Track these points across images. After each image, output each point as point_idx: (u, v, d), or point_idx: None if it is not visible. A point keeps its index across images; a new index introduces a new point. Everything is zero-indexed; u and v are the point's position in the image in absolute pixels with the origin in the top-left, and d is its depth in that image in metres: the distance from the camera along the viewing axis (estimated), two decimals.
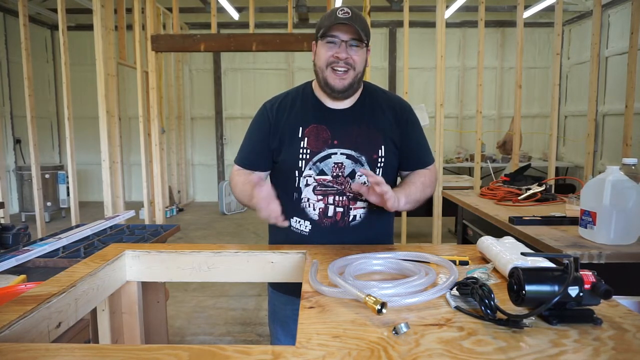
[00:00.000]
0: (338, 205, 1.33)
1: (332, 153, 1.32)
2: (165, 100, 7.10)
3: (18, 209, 6.63)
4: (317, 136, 1.33)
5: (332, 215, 1.33)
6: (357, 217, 1.34)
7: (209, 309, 3.32)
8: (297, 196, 1.35)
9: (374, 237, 1.38)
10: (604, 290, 0.75)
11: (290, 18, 4.82)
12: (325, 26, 1.27)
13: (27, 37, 4.34)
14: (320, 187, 1.32)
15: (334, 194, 1.32)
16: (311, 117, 1.35)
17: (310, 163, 1.32)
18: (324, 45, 1.29)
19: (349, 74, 1.29)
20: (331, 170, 1.32)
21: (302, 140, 1.33)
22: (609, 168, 1.38)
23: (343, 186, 1.32)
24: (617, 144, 5.44)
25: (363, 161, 1.32)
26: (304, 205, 1.34)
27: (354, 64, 1.29)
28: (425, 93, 7.47)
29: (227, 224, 6.35)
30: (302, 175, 1.33)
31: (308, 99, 1.39)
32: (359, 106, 1.38)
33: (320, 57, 1.31)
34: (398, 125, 1.38)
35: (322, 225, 1.33)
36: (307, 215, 1.34)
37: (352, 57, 1.28)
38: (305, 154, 1.32)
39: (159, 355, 0.67)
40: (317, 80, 1.36)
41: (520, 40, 3.88)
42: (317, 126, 1.34)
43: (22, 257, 1.50)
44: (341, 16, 1.26)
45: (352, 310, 0.83)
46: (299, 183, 1.33)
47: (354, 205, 1.34)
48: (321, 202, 1.33)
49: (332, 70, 1.29)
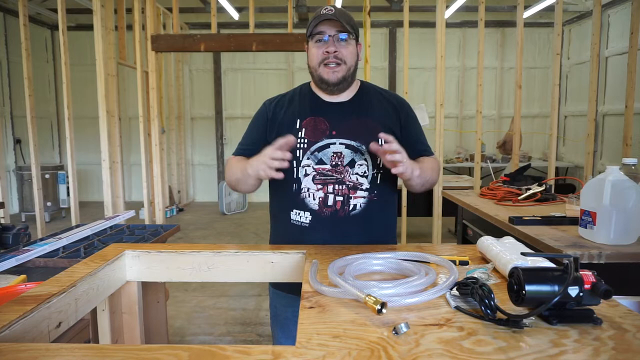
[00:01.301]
0: (338, 194, 1.34)
1: (331, 143, 1.34)
2: (165, 100, 7.10)
3: (18, 209, 6.64)
4: (315, 127, 1.35)
5: (332, 204, 1.34)
6: (357, 206, 1.35)
7: (209, 309, 3.32)
8: (296, 187, 1.36)
9: (375, 230, 1.38)
10: (604, 290, 0.75)
11: (290, 18, 4.82)
12: (311, 25, 1.32)
13: (27, 37, 4.34)
14: (319, 176, 1.34)
15: (333, 183, 1.34)
16: (308, 110, 1.39)
17: (308, 152, 1.34)
18: (313, 45, 1.34)
19: (341, 67, 1.33)
20: (330, 160, 1.33)
21: (299, 131, 1.36)
22: (609, 168, 1.38)
23: (342, 175, 1.33)
24: (617, 144, 5.45)
25: (363, 150, 1.34)
26: (303, 195, 1.35)
27: (343, 58, 1.32)
28: (425, 93, 7.48)
29: (227, 224, 6.35)
30: (301, 165, 1.34)
31: (306, 95, 1.43)
32: (357, 99, 1.40)
33: (312, 56, 1.35)
34: (398, 118, 1.41)
35: (322, 215, 1.34)
36: (307, 205, 1.35)
37: (340, 51, 1.31)
38: (302, 144, 1.34)
39: (159, 355, 0.67)
40: (313, 80, 1.40)
41: (520, 41, 3.89)
42: (315, 118, 1.37)
43: (22, 257, 1.50)
44: (325, 12, 1.30)
45: (352, 310, 0.83)
46: (298, 173, 1.35)
47: (353, 194, 1.34)
48: (321, 191, 1.34)
49: (325, 66, 1.32)
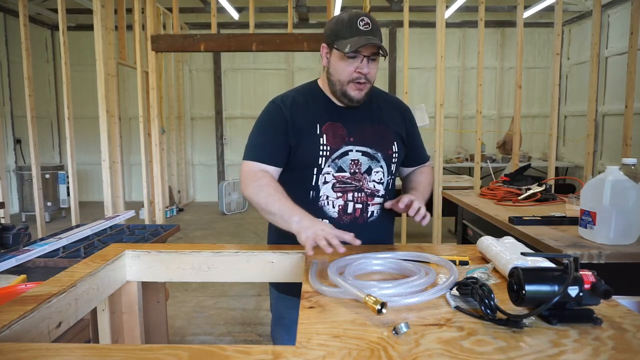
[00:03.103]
0: (357, 201, 1.34)
1: (349, 150, 1.33)
2: (165, 100, 7.10)
3: (18, 209, 6.63)
4: (334, 133, 1.33)
5: (352, 212, 1.34)
6: (374, 212, 1.36)
7: (209, 309, 3.32)
8: (314, 195, 1.34)
9: (382, 235, 1.41)
10: (603, 290, 0.75)
11: (290, 18, 4.82)
12: (345, 39, 1.24)
13: (27, 37, 4.34)
14: (339, 184, 1.33)
15: (352, 191, 1.33)
16: (325, 115, 1.35)
17: (330, 160, 1.32)
18: (344, 59, 1.27)
19: (366, 86, 1.31)
20: (349, 167, 1.33)
21: (321, 137, 1.32)
22: (609, 168, 1.38)
23: (361, 182, 1.33)
24: (616, 144, 5.44)
25: (379, 157, 1.35)
26: (322, 203, 1.33)
27: (371, 78, 1.30)
28: (425, 93, 7.48)
29: (227, 224, 6.35)
30: (322, 173, 1.32)
31: (319, 98, 1.39)
32: (367, 105, 1.39)
33: (341, 71, 1.29)
34: (404, 123, 1.44)
35: (342, 223, 1.33)
36: (326, 213, 1.34)
37: (371, 72, 1.29)
38: (325, 151, 1.32)
39: (159, 355, 0.67)
40: (333, 90, 1.34)
41: (520, 41, 3.88)
42: (333, 124, 1.34)
43: (22, 257, 1.50)
44: (363, 29, 1.23)
45: (352, 310, 0.83)
46: (317, 181, 1.33)
47: (371, 201, 1.35)
48: (340, 199, 1.33)
49: (353, 83, 1.29)
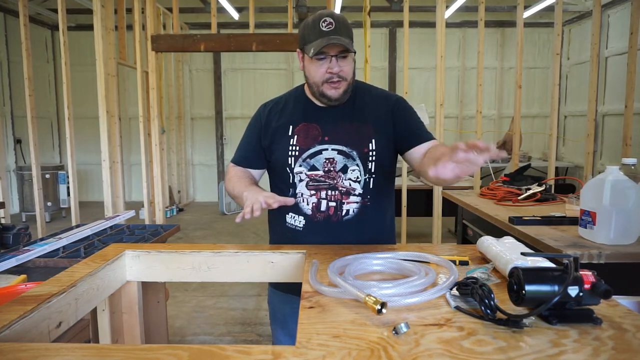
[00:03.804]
0: (331, 199, 1.35)
1: (323, 149, 1.35)
2: (165, 100, 7.10)
3: (18, 209, 6.64)
4: (306, 133, 1.36)
5: (325, 209, 1.35)
6: (350, 211, 1.36)
7: (209, 309, 3.32)
8: (292, 192, 1.38)
9: (371, 235, 1.38)
10: (603, 290, 0.75)
11: (290, 18, 4.82)
12: (311, 42, 1.27)
13: (27, 37, 4.34)
14: (312, 182, 1.35)
15: (326, 189, 1.35)
16: (301, 116, 1.39)
17: (300, 160, 1.35)
18: (314, 62, 1.30)
19: (342, 82, 1.31)
20: (322, 166, 1.34)
21: (291, 138, 1.37)
22: (609, 168, 1.38)
23: (335, 181, 1.34)
24: (616, 144, 5.44)
25: (355, 156, 1.35)
26: (298, 200, 1.37)
27: (345, 75, 1.31)
28: (425, 93, 7.47)
29: (227, 224, 6.35)
30: (294, 172, 1.36)
31: (300, 100, 1.43)
32: (350, 103, 1.39)
33: (314, 74, 1.32)
34: (392, 112, 1.40)
35: (316, 220, 1.36)
36: (301, 210, 1.37)
37: (343, 69, 1.30)
38: (294, 151, 1.35)
39: (159, 355, 0.67)
40: (312, 92, 1.37)
41: (520, 41, 3.89)
42: (307, 124, 1.38)
43: (22, 257, 1.50)
44: (325, 29, 1.25)
45: (352, 310, 0.83)
46: (293, 179, 1.37)
47: (346, 200, 1.35)
48: (314, 196, 1.35)
49: (327, 83, 1.31)
